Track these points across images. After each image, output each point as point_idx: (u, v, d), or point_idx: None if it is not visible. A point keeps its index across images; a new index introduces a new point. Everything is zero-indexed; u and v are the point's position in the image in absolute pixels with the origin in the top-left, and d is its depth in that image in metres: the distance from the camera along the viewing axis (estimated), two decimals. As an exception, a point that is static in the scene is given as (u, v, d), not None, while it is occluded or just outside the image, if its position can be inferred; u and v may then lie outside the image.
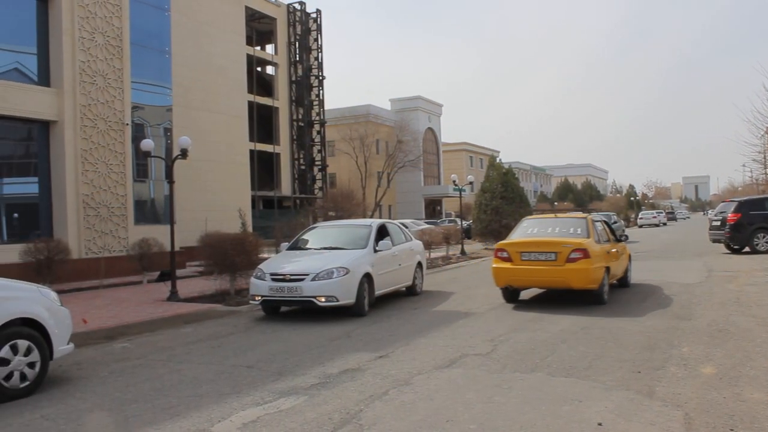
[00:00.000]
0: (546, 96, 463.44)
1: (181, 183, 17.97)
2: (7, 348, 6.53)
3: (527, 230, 12.90)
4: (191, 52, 28.65)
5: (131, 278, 19.31)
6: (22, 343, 6.68)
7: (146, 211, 22.44)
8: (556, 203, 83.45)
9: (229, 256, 14.53)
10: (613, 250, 12.94)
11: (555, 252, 11.53)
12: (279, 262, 12.15)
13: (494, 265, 12.27)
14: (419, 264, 14.83)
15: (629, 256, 14.79)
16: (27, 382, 6.70)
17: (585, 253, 11.33)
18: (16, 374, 6.60)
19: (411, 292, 14.43)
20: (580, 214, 15.05)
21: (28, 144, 19.59)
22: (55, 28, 19.36)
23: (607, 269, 12.11)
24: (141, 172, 22.28)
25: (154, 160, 21.72)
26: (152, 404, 6.24)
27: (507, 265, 12.03)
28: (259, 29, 50.20)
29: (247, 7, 35.02)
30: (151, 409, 6.06)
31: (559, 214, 15.17)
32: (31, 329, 6.84)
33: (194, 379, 7.17)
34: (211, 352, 8.74)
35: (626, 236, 15.86)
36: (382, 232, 13.47)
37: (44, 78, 19.37)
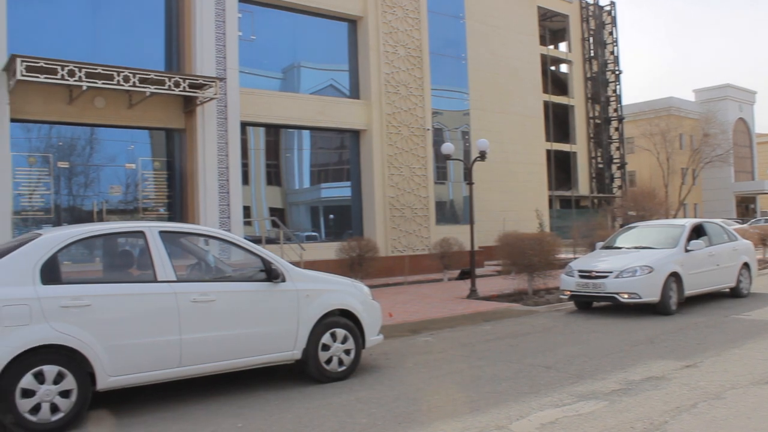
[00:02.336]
0: None
1: (478, 184, 18.52)
2: (328, 335, 7.32)
3: None
4: (486, 57, 29.31)
5: (433, 275, 20.25)
6: (340, 332, 7.44)
7: (446, 212, 23.44)
8: None
9: (527, 255, 14.65)
10: None
11: None
12: (588, 260, 13.01)
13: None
14: (745, 265, 14.00)
15: None
16: (344, 367, 7.44)
17: None
18: (335, 359, 7.37)
19: (735, 293, 13.77)
20: None
21: (342, 152, 21.66)
22: (363, 45, 21.15)
23: None
24: (441, 175, 23.36)
25: (452, 163, 22.64)
26: (453, 397, 6.54)
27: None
28: (551, 28, 49.69)
29: (539, 7, 34.90)
30: (452, 402, 6.36)
31: None
32: (348, 320, 7.58)
33: (493, 376, 7.37)
34: (510, 350, 8.90)
35: None
36: (699, 232, 13.28)
37: (355, 91, 21.28)
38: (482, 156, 15.57)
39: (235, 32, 17.76)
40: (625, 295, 11.53)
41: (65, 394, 5.71)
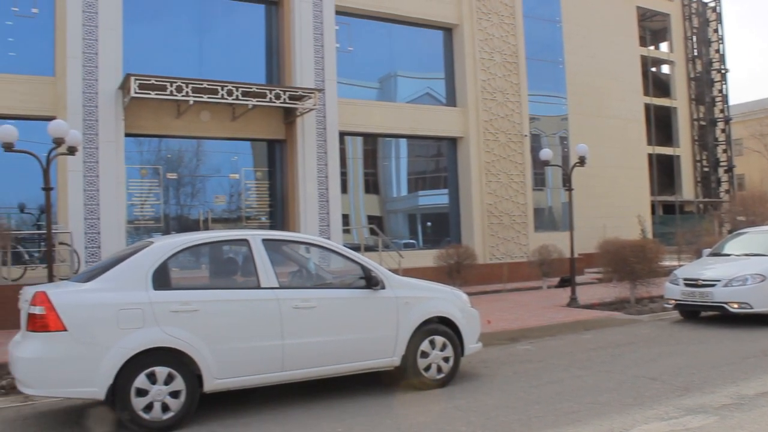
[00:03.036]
0: None
1: (577, 190, 18.14)
2: (426, 342, 7.35)
3: None
4: (584, 60, 28.68)
5: (531, 283, 19.98)
6: (439, 339, 7.45)
7: (544, 219, 23.11)
8: None
9: (629, 263, 14.23)
10: None
11: None
12: (695, 267, 12.52)
13: None
14: None
15: None
16: (442, 375, 7.44)
17: None
18: (434, 366, 7.38)
19: None
20: None
21: (438, 159, 21.72)
22: (459, 53, 21.16)
23: None
24: (539, 181, 23.06)
25: (550, 169, 22.32)
26: (554, 407, 6.43)
27: None
28: (651, 28, 48.13)
29: (638, 8, 33.90)
30: (552, 412, 6.25)
31: None
32: (446, 327, 7.60)
33: (595, 387, 7.21)
34: (612, 360, 8.69)
35: None
36: None
37: (451, 99, 21.32)
38: (581, 162, 15.27)
39: (332, 44, 18.17)
40: (735, 305, 10.97)
41: (175, 394, 5.99)
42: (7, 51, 15.80)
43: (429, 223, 21.56)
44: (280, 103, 16.21)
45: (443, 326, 7.56)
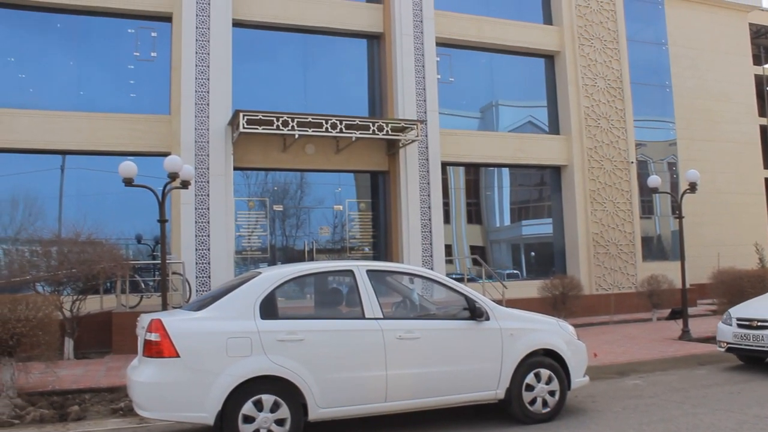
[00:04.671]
0: None
1: (688, 218, 17.47)
2: (531, 375, 7.23)
3: None
4: (692, 82, 27.78)
5: (640, 315, 19.30)
6: (544, 372, 7.31)
7: (653, 248, 22.34)
8: None
9: (746, 294, 13.53)
10: None
11: None
12: (754, 305, 11.01)
13: None
14: None
15: None
16: (548, 409, 7.29)
17: None
18: (539, 400, 7.25)
19: None
20: None
21: (542, 188, 21.42)
22: (561, 80, 20.91)
23: None
24: (646, 209, 22.35)
25: (658, 196, 21.62)
26: (667, 443, 6.20)
27: None
28: (767, 45, 46.09)
29: (751, 25, 32.52)
30: (665, 448, 6.03)
31: None
32: (552, 360, 7.45)
33: (711, 426, 6.87)
34: (730, 398, 8.26)
35: None
36: None
37: (554, 127, 21.06)
38: (692, 188, 14.71)
39: (434, 76, 18.35)
40: None
41: (280, 422, 6.14)
42: (128, 92, 16.90)
43: (533, 253, 21.23)
44: (383, 135, 16.45)
45: (549, 359, 7.42)
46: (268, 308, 6.45)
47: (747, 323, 10.30)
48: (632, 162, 21.33)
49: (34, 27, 16.45)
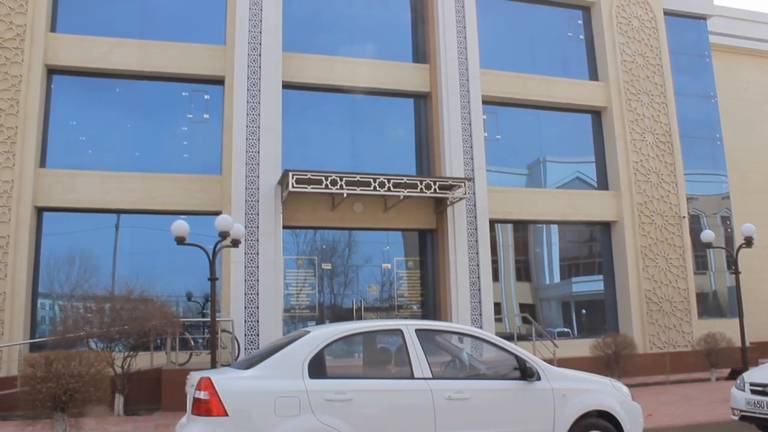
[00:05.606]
0: None
1: (745, 273, 17.02)
2: (585, 438, 7.04)
3: None
4: (744, 134, 27.29)
5: (697, 374, 18.68)
6: (599, 435, 7.11)
7: (709, 304, 21.76)
8: None
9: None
10: None
11: None
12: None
13: None
14: None
15: None
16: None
17: None
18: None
19: None
20: None
21: (592, 245, 21.13)
22: (609, 135, 20.81)
23: None
24: (700, 264, 21.86)
25: (712, 251, 21.14)
26: None
27: None
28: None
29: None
30: None
31: None
32: (606, 421, 7.23)
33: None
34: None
35: None
36: None
37: (602, 182, 20.88)
38: (748, 242, 14.41)
39: (480, 133, 18.44)
40: None
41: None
42: (181, 153, 17.40)
43: (584, 311, 20.83)
44: (431, 193, 16.52)
45: (603, 421, 7.22)
46: (317, 367, 6.44)
47: (761, 389, 9.55)
48: (684, 217, 20.96)
49: (94, 92, 17.20)
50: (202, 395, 6.07)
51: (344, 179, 15.69)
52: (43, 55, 16.26)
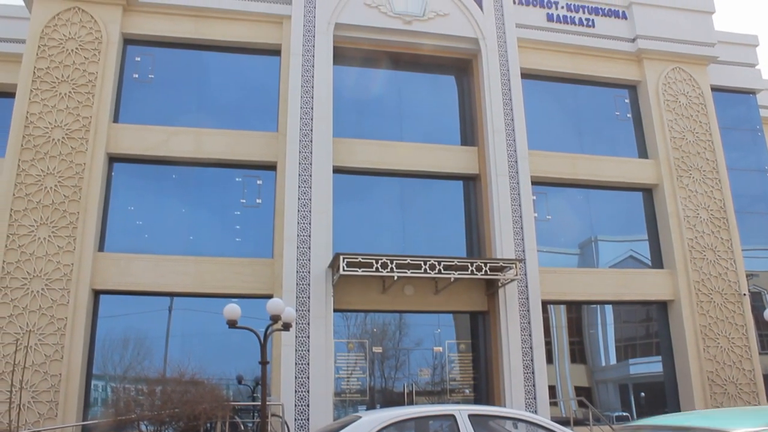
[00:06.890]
0: None
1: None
2: None
3: None
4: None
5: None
6: None
7: (777, 387, 20.87)
8: None
9: None
10: None
11: None
12: None
13: None
14: None
15: None
16: None
17: None
18: None
19: None
20: None
21: (648, 325, 20.58)
22: (662, 213, 20.51)
23: None
24: (765, 343, 21.08)
25: (778, 331, 20.40)
26: None
27: None
28: None
29: None
30: None
31: None
32: None
33: None
34: None
35: None
36: None
37: (657, 260, 20.45)
38: (814, 323, 13.86)
39: (531, 214, 18.39)
40: None
41: None
42: (234, 237, 17.70)
43: (642, 394, 20.11)
44: (482, 275, 16.41)
45: None
46: (370, 455, 6.34)
47: None
48: (744, 294, 20.34)
49: (152, 178, 17.80)
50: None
51: (395, 262, 15.73)
52: (106, 144, 16.93)
